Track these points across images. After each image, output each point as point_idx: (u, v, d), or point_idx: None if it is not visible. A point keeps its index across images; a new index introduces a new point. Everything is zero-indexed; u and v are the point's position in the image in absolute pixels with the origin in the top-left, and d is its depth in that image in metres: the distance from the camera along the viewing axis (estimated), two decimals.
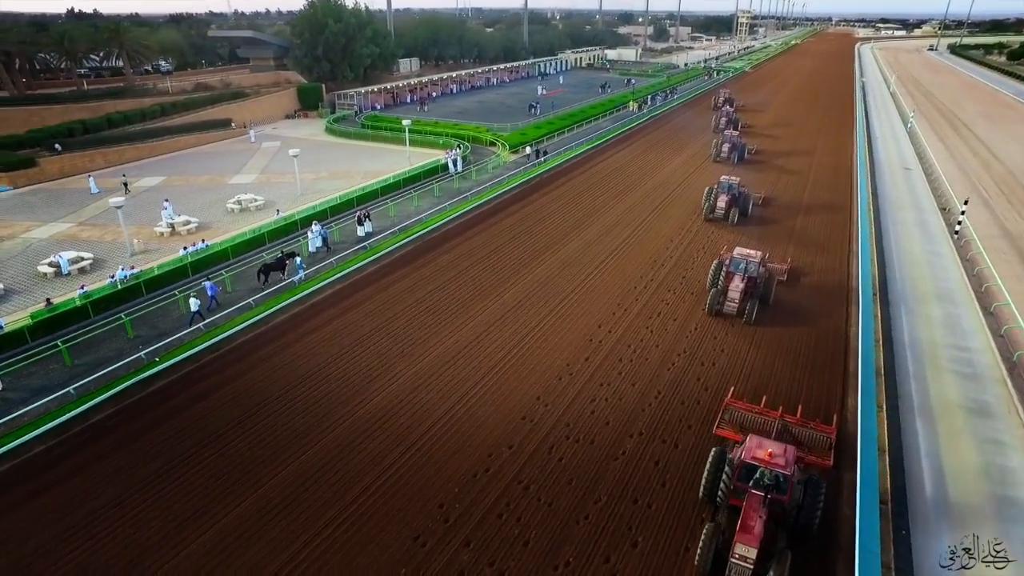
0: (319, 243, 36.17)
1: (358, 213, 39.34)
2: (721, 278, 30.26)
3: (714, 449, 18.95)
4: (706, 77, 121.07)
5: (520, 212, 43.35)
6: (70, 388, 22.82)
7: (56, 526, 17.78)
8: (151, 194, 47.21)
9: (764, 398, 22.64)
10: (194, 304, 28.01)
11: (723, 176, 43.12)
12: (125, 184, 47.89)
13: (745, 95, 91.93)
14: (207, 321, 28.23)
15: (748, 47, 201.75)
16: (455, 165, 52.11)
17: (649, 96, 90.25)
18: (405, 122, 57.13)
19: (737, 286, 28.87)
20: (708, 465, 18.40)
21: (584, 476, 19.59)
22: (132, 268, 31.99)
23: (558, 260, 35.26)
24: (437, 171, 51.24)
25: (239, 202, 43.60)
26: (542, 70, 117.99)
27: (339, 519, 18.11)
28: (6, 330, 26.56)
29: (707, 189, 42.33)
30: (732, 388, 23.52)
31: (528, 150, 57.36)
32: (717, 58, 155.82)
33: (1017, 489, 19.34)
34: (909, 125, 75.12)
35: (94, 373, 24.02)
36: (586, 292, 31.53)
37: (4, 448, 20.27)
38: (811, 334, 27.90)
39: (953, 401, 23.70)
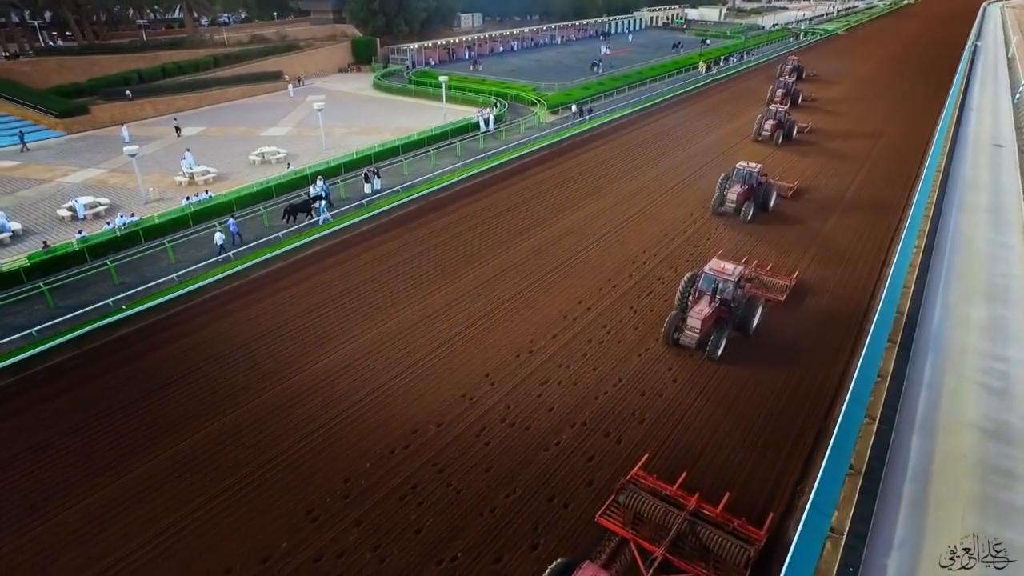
0: (324, 191, 35.67)
1: (365, 170, 38.52)
2: (691, 296, 23.99)
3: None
4: (792, 40, 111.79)
5: (538, 176, 41.29)
6: (32, 330, 23.40)
7: None
8: (186, 143, 48.28)
9: (684, 475, 17.48)
10: (219, 238, 29.77)
11: (741, 162, 35.94)
12: (177, 128, 50.66)
13: (825, 62, 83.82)
14: (231, 252, 29.79)
15: (851, 7, 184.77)
16: (486, 124, 50.27)
17: (722, 58, 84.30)
18: (442, 78, 55.70)
19: (701, 311, 22.58)
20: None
21: (505, 465, 18.22)
22: (132, 216, 32.61)
23: (560, 229, 33.26)
24: (467, 130, 49.62)
25: (261, 155, 43.82)
26: (611, 28, 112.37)
27: (244, 482, 17.70)
28: (3, 269, 27.61)
29: (722, 176, 36.02)
30: (646, 456, 18.16)
31: (573, 108, 54.72)
32: (811, 19, 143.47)
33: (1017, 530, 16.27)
34: (1019, 96, 65.96)
35: (69, 315, 24.58)
36: (577, 265, 29.54)
37: None
38: (788, 386, 21.48)
39: (967, 418, 20.37)
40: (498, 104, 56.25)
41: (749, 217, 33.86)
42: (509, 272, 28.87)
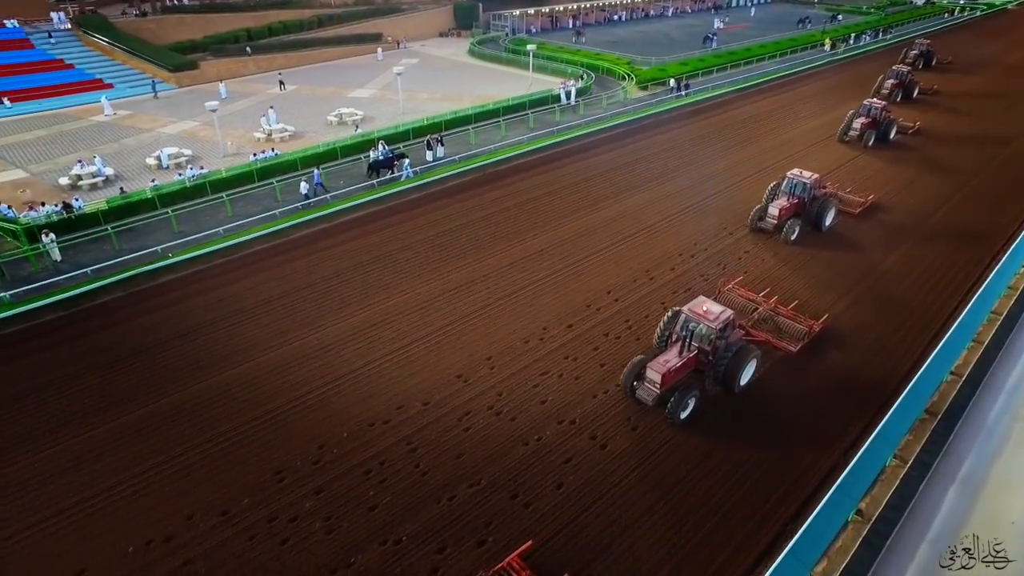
0: (384, 155, 36.05)
1: (428, 137, 38.43)
2: (670, 338, 19.76)
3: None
4: (947, 15, 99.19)
5: (606, 154, 39.44)
6: (88, 269, 25.44)
7: None
8: (273, 101, 50.41)
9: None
10: (304, 187, 32.17)
11: (793, 171, 29.52)
12: (281, 82, 54.05)
13: (971, 46, 73.40)
14: (313, 200, 32.04)
15: None
16: (567, 96, 48.63)
17: (852, 35, 76.47)
18: (530, 47, 54.43)
19: (666, 362, 18.40)
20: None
21: (478, 454, 17.70)
22: (202, 168, 34.48)
23: (611, 213, 31.58)
24: (547, 101, 48.20)
25: (339, 115, 44.91)
26: (732, 0, 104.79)
27: (228, 435, 18.40)
28: (86, 210, 30.16)
29: (771, 185, 30.16)
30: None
31: (671, 83, 51.82)
32: None
33: None
34: None
35: (126, 257, 26.61)
36: (617, 253, 27.97)
37: (15, 311, 23.26)
38: (760, 467, 17.29)
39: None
40: (585, 76, 54.22)
41: (793, 238, 28.18)
42: (546, 253, 27.87)
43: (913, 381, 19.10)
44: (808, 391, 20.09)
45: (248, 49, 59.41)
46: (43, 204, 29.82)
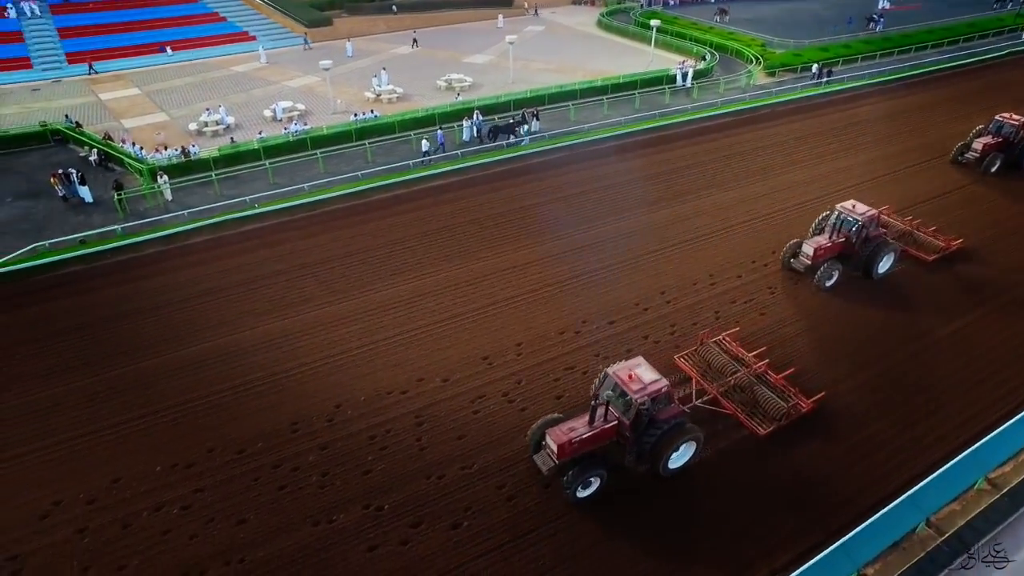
0: (471, 133, 36.51)
1: (523, 111, 38.23)
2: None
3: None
4: None
5: (707, 144, 37.14)
6: (184, 211, 28.26)
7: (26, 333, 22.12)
8: (392, 61, 52.18)
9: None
10: (425, 145, 33.83)
11: (845, 204, 24.12)
12: (415, 40, 56.73)
13: None
14: (432, 158, 33.91)
15: None
16: (683, 78, 46.17)
17: None
18: (654, 22, 52.01)
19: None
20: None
21: (479, 439, 17.95)
22: (306, 124, 36.67)
23: (688, 209, 29.88)
24: (661, 81, 46.06)
25: (448, 81, 45.74)
26: None
27: (260, 381, 19.92)
28: (200, 156, 33.32)
29: (822, 216, 25.16)
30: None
31: (813, 68, 47.68)
32: None
33: None
34: None
35: (226, 202, 29.30)
36: (682, 253, 26.56)
37: (118, 244, 26.42)
38: None
39: None
40: (708, 57, 51.05)
41: (829, 284, 23.88)
42: (609, 243, 27.13)
43: (889, 507, 15.32)
44: (760, 488, 16.60)
45: (394, 8, 61.94)
46: (167, 148, 33.26)
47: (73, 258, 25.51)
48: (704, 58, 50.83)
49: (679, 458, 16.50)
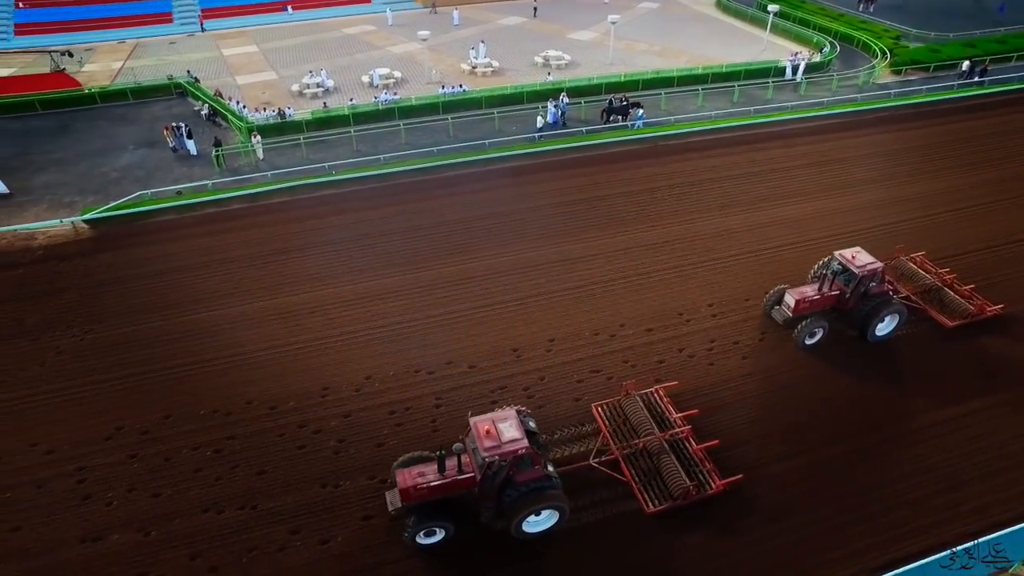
0: (555, 116, 36.28)
1: (610, 97, 37.39)
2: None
3: None
4: None
5: (799, 148, 34.55)
6: (268, 172, 30.41)
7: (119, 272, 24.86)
8: (496, 32, 52.23)
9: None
10: (539, 122, 34.53)
11: (845, 252, 20.63)
12: (535, 8, 57.20)
13: None
14: (550, 133, 34.58)
15: None
16: (794, 71, 43.16)
17: None
18: (772, 7, 48.58)
19: None
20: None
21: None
22: (395, 94, 37.86)
23: (758, 219, 28.22)
24: (768, 73, 43.33)
25: (546, 58, 45.38)
26: None
27: (308, 344, 21.55)
28: (295, 118, 35.43)
29: (820, 263, 22.17)
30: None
31: (964, 66, 43.09)
32: None
33: None
34: None
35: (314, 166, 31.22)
36: (737, 268, 25.30)
37: (209, 198, 28.89)
38: None
39: None
40: (827, 48, 47.23)
41: (809, 342, 20.96)
42: (665, 247, 26.47)
43: None
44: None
45: None
46: (265, 108, 35.60)
47: (168, 208, 28.28)
48: (822, 50, 47.10)
49: (540, 523, 15.41)
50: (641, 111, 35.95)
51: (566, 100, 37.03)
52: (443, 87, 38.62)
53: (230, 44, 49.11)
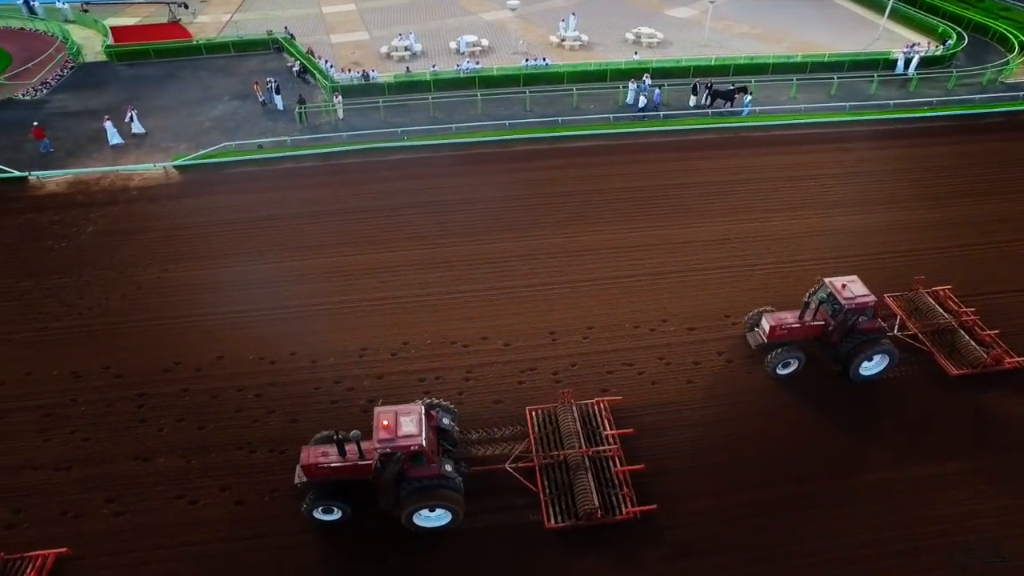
0: (635, 98, 35.33)
1: (695, 81, 35.97)
2: None
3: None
4: None
5: (889, 151, 31.84)
6: (345, 134, 31.45)
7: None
8: (590, 3, 50.86)
9: None
10: (638, 97, 34.55)
11: (835, 280, 18.90)
12: None
13: None
14: (645, 114, 34.14)
15: None
16: (906, 65, 39.75)
17: None
18: None
19: None
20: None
21: (512, 409, 18.83)
22: (478, 63, 37.95)
23: (831, 224, 26.55)
24: (876, 65, 40.13)
25: (637, 34, 44.00)
26: None
27: (359, 303, 22.52)
28: (377, 81, 36.35)
29: (811, 290, 19.92)
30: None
31: None
32: None
33: None
34: None
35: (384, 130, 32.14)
36: (794, 273, 23.93)
37: (287, 154, 30.33)
38: None
39: None
40: (952, 40, 43.02)
41: (782, 372, 19.52)
42: (727, 244, 25.52)
43: None
44: None
45: None
46: (351, 69, 36.68)
47: (248, 160, 30.01)
48: (945, 42, 42.96)
49: (432, 519, 15.50)
50: (749, 97, 34.53)
51: (648, 81, 35.89)
52: (525, 60, 38.33)
53: (330, 1, 50.55)
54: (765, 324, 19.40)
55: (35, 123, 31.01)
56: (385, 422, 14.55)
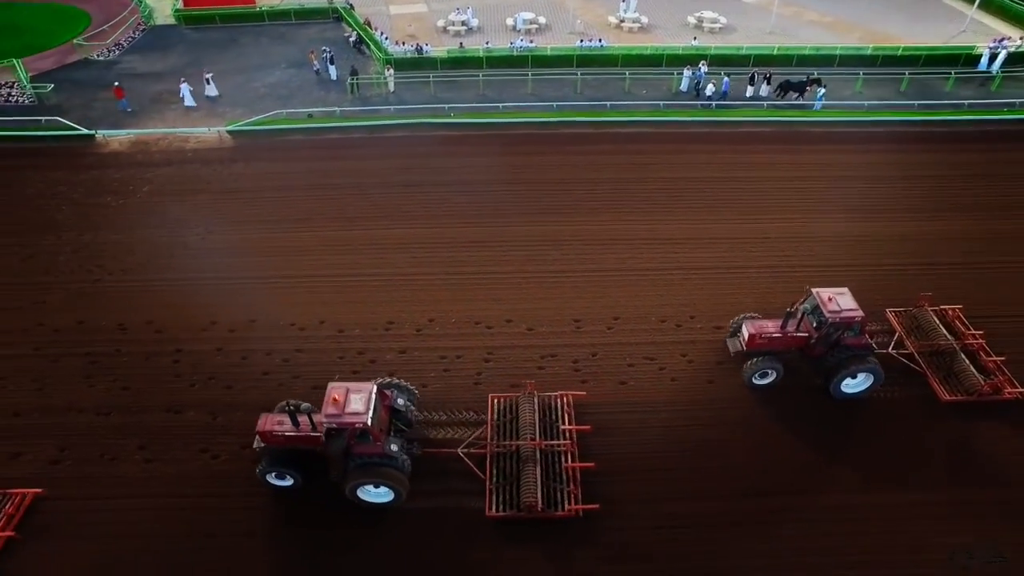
0: (690, 85, 34.33)
1: (754, 71, 34.63)
2: None
3: None
4: None
5: (957, 156, 29.87)
6: (391, 108, 31.75)
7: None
8: None
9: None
10: (707, 85, 33.82)
11: (824, 291, 17.91)
12: None
13: None
14: (715, 103, 33.37)
15: None
16: (990, 61, 37.15)
17: None
18: None
19: None
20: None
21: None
22: (531, 42, 37.54)
23: (878, 231, 25.29)
24: (955, 61, 37.62)
25: (699, 18, 42.58)
26: None
27: (391, 278, 22.95)
28: (431, 55, 36.46)
29: (790, 308, 18.73)
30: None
31: None
32: None
33: None
34: None
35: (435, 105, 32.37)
36: (820, 279, 22.83)
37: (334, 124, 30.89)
38: None
39: None
40: None
41: (759, 382, 18.84)
42: (767, 243, 24.80)
43: None
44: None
45: None
46: (405, 43, 36.87)
47: (298, 128, 30.74)
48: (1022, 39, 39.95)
49: (376, 495, 15.81)
50: (822, 90, 33.11)
51: (704, 69, 34.76)
52: (580, 40, 37.67)
53: None
54: (745, 332, 18.79)
55: (116, 83, 32.51)
56: (335, 398, 14.88)
